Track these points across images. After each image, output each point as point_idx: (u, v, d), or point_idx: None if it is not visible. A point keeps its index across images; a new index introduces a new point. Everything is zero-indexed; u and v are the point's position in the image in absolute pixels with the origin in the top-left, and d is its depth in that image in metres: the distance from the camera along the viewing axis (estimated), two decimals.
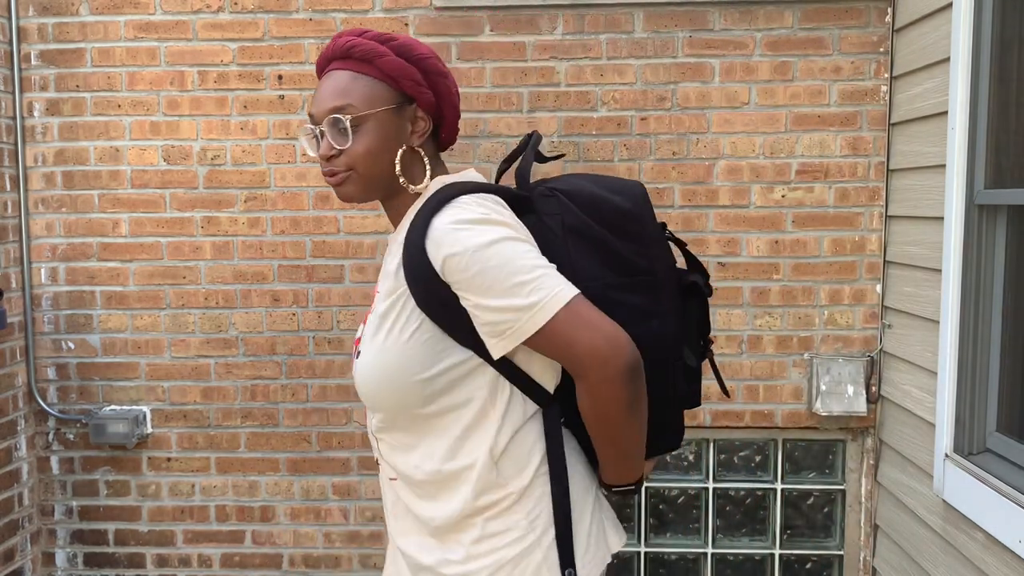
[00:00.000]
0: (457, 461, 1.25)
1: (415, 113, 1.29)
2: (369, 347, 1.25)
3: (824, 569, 3.07)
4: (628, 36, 2.86)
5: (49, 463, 3.09)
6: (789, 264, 2.91)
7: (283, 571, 3.10)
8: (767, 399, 2.95)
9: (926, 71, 2.55)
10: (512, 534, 1.25)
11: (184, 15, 2.92)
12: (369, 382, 1.24)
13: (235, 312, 3.00)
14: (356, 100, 1.24)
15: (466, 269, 1.15)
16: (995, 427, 2.26)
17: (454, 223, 1.17)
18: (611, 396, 1.16)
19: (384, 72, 1.26)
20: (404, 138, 1.28)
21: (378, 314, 1.25)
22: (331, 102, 1.24)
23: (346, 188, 1.27)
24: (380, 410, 1.27)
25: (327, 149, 1.26)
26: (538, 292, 1.14)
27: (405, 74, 1.26)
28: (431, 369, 1.21)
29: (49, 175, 2.99)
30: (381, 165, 1.27)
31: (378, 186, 1.29)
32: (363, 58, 1.26)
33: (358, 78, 1.26)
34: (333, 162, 1.26)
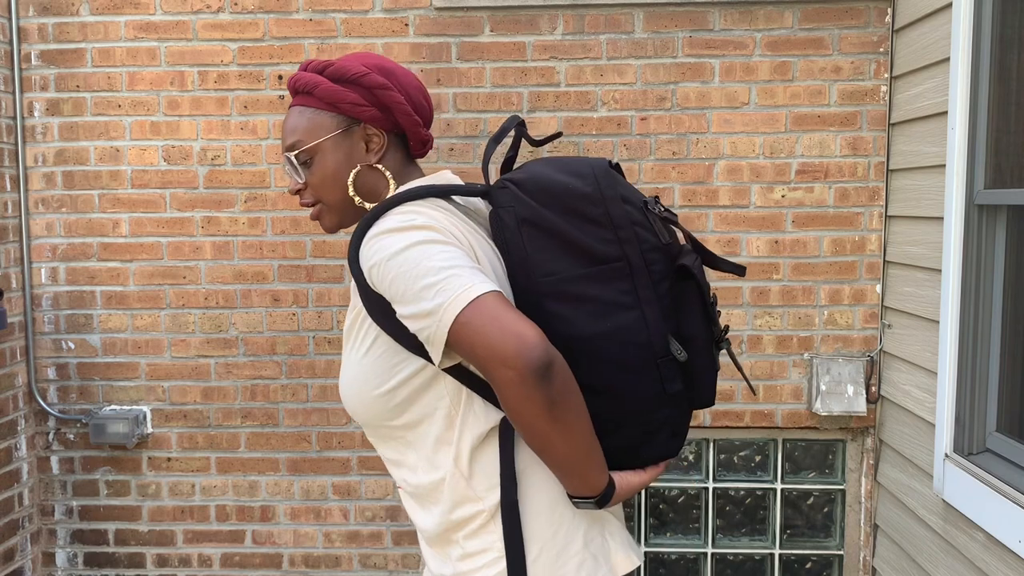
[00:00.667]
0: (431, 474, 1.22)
1: (365, 131, 1.30)
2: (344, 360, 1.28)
3: (824, 569, 3.07)
4: (628, 36, 2.86)
5: (49, 463, 3.09)
6: (789, 264, 2.91)
7: (283, 571, 3.10)
8: (767, 399, 2.95)
9: (926, 71, 2.55)
10: (489, 555, 1.20)
11: (184, 15, 2.92)
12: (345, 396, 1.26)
13: (235, 312, 3.00)
14: (302, 135, 1.30)
15: (383, 278, 1.12)
16: (995, 427, 2.26)
17: (377, 233, 1.15)
18: (521, 399, 1.04)
19: (323, 100, 1.29)
20: (358, 158, 1.30)
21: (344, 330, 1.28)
22: (285, 140, 1.31)
23: (323, 220, 1.33)
24: (362, 424, 1.29)
25: (293, 184, 1.33)
26: (442, 294, 1.06)
27: (340, 98, 1.28)
28: (389, 382, 1.19)
29: (49, 175, 2.99)
30: (340, 190, 1.30)
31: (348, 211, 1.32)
32: (304, 91, 1.31)
33: (303, 112, 1.30)
34: (303, 195, 1.33)
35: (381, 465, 3.03)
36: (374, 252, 1.14)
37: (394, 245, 1.12)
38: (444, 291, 1.06)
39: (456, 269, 1.08)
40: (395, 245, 1.12)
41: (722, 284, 2.92)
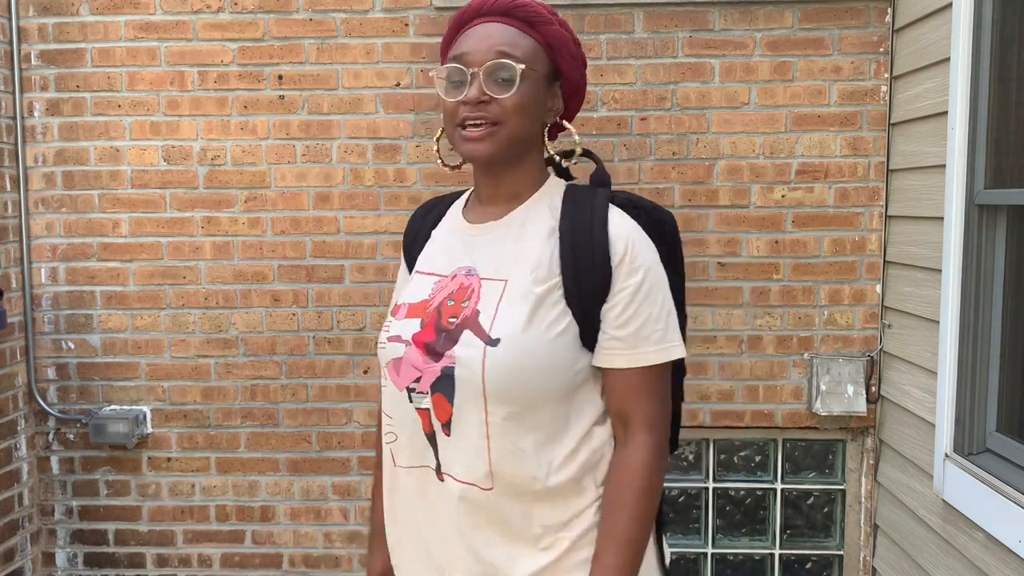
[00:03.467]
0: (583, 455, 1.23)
1: (556, 91, 1.25)
2: (518, 336, 1.16)
3: (824, 569, 3.07)
4: (628, 36, 2.86)
5: (49, 463, 3.09)
6: (789, 264, 2.91)
7: (283, 571, 3.10)
8: (767, 399, 2.95)
9: (926, 71, 2.55)
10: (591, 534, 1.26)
11: (184, 15, 2.92)
12: (511, 372, 1.15)
13: (235, 312, 3.00)
14: (523, 54, 1.18)
15: (643, 280, 1.20)
16: (995, 427, 2.26)
17: (638, 231, 1.22)
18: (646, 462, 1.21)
19: (546, 39, 1.21)
20: (544, 112, 1.24)
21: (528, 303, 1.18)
22: (498, 47, 1.17)
23: (485, 145, 1.18)
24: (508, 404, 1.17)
25: (480, 93, 1.16)
26: (672, 337, 1.22)
27: (567, 49, 1.22)
28: (575, 365, 1.20)
29: (49, 175, 2.99)
30: (526, 129, 1.20)
31: (514, 151, 1.22)
32: (527, 19, 1.21)
33: (523, 36, 1.20)
34: (482, 109, 1.17)
35: None
36: (641, 249, 1.21)
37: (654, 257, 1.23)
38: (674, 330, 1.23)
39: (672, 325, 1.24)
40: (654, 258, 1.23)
41: (723, 284, 2.92)
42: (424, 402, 1.22)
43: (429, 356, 1.21)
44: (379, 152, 2.93)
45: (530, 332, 1.17)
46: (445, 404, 1.20)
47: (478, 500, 1.21)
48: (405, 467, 1.28)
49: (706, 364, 2.94)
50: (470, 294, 1.23)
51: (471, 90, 1.17)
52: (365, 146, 2.93)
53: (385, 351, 1.28)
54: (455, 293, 1.24)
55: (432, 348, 1.22)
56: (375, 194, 2.94)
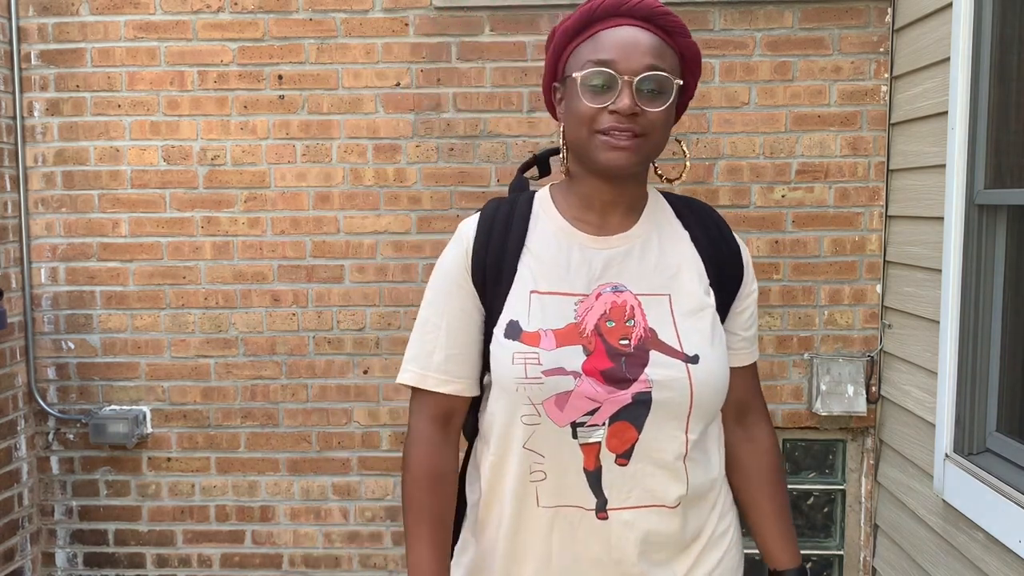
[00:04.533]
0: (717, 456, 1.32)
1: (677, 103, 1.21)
2: (713, 351, 1.20)
3: (824, 569, 3.07)
4: None
5: (49, 463, 3.09)
6: (789, 264, 2.91)
7: (283, 571, 3.10)
8: (767, 399, 2.92)
9: (926, 71, 2.55)
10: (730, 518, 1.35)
11: (184, 15, 2.92)
12: (713, 388, 1.20)
13: (235, 312, 3.00)
14: (669, 66, 1.15)
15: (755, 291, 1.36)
16: (995, 427, 2.26)
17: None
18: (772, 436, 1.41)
19: (682, 52, 1.19)
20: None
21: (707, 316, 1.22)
22: (650, 59, 1.12)
23: (630, 156, 1.14)
24: (704, 420, 1.21)
25: (632, 104, 1.11)
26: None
27: (696, 62, 1.21)
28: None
29: (49, 175, 2.99)
30: (664, 142, 1.19)
31: (647, 163, 1.21)
32: (668, 29, 1.16)
33: (666, 48, 1.16)
34: (632, 120, 1.12)
35: (381, 465, 3.03)
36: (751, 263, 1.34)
37: None
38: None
39: None
40: None
41: None
42: (595, 436, 1.15)
43: (612, 384, 1.14)
44: (379, 152, 2.93)
45: (716, 345, 1.21)
46: (629, 432, 1.15)
47: (650, 522, 1.19)
48: (550, 507, 1.19)
49: None
50: (631, 312, 1.17)
51: (622, 99, 1.11)
52: (365, 146, 2.93)
53: (544, 387, 1.14)
54: (611, 313, 1.17)
55: (613, 376, 1.14)
56: (375, 194, 2.94)
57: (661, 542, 1.22)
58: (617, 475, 1.16)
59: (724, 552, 1.31)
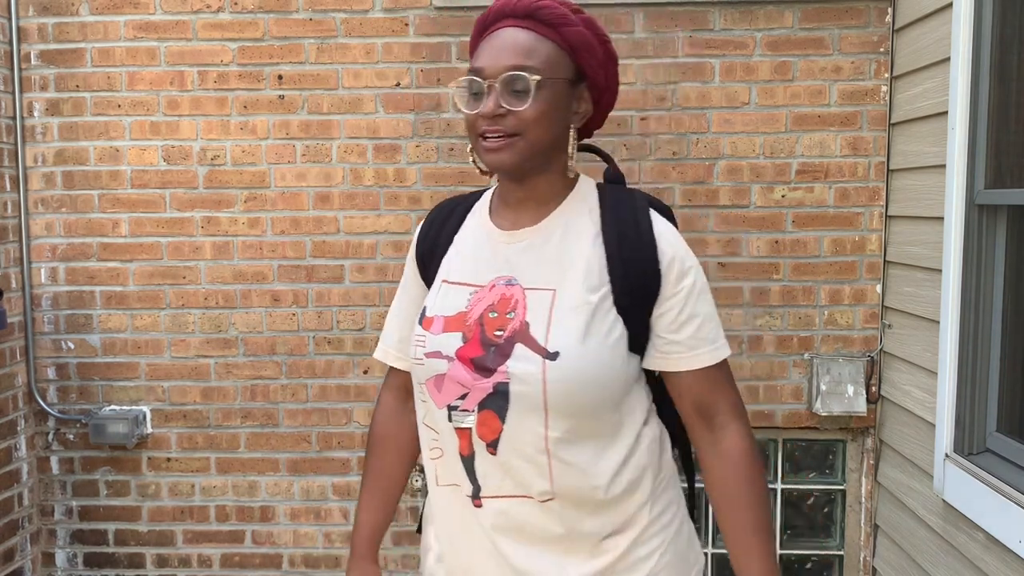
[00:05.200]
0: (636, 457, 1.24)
1: (583, 93, 1.22)
2: (579, 348, 1.15)
3: (824, 569, 3.07)
4: (628, 36, 2.86)
5: (49, 463, 3.09)
6: (789, 264, 2.91)
7: (283, 571, 3.10)
8: (767, 399, 2.94)
9: (926, 71, 2.55)
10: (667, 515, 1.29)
11: (184, 15, 2.92)
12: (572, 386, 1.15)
13: (235, 312, 3.00)
14: (540, 63, 1.15)
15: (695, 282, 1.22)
16: (995, 427, 2.26)
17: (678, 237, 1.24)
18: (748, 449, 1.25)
19: (568, 41, 1.18)
20: (569, 116, 1.22)
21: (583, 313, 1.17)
22: (513, 59, 1.15)
23: (503, 155, 1.17)
24: (570, 418, 1.16)
25: (495, 107, 1.15)
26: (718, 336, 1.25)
27: (589, 50, 1.19)
28: (629, 372, 1.22)
29: (49, 175, 2.99)
30: (548, 137, 1.18)
31: (535, 160, 1.19)
32: (549, 22, 1.18)
33: (542, 41, 1.17)
34: (499, 122, 1.16)
35: None
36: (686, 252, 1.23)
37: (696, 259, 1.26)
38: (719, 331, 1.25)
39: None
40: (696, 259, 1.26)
41: (723, 284, 2.92)
42: (466, 421, 1.19)
43: (478, 372, 1.17)
44: (379, 152, 2.93)
45: (589, 343, 1.15)
46: (494, 422, 1.17)
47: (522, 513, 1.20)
48: (446, 486, 1.26)
49: None
50: (514, 305, 1.19)
51: (488, 103, 1.16)
52: (365, 146, 2.93)
53: (424, 368, 1.23)
54: (496, 304, 1.20)
55: (481, 364, 1.17)
56: (375, 194, 2.94)
57: (537, 535, 1.21)
58: (489, 464, 1.20)
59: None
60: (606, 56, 1.24)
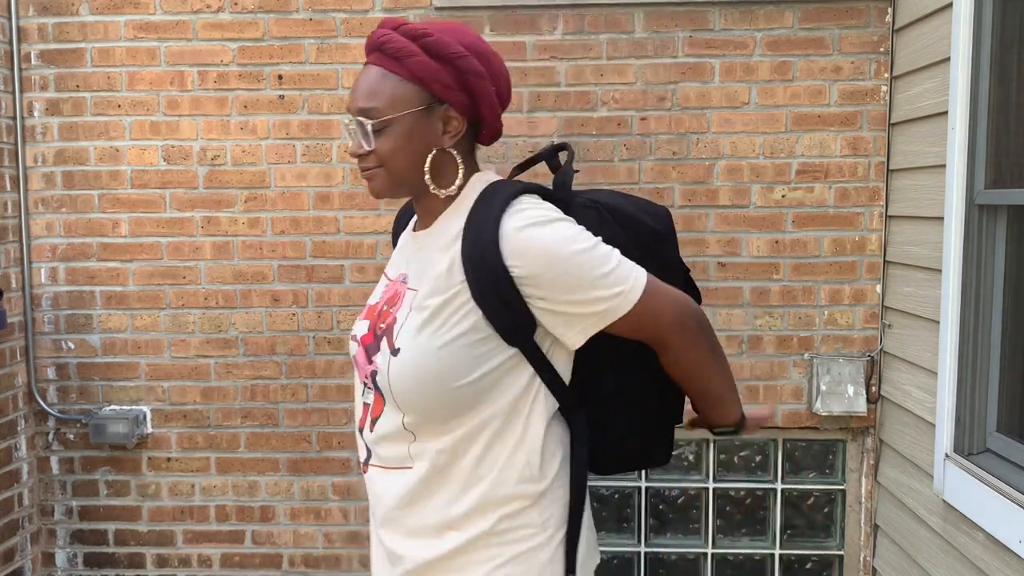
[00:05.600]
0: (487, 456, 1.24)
1: (447, 114, 1.25)
2: (409, 347, 1.22)
3: (824, 569, 3.07)
4: (628, 36, 2.86)
5: (49, 463, 3.09)
6: (789, 264, 2.91)
7: (283, 571, 3.10)
8: (767, 399, 2.94)
9: (926, 71, 2.55)
10: (524, 531, 1.26)
11: (184, 15, 2.92)
12: (408, 384, 1.21)
13: (235, 312, 3.00)
14: (382, 102, 1.22)
15: (549, 269, 1.18)
16: (995, 427, 2.26)
17: (527, 224, 1.18)
18: (698, 352, 1.27)
19: (412, 73, 1.22)
20: (435, 140, 1.25)
21: (423, 314, 1.22)
22: (359, 102, 1.23)
23: (374, 184, 1.27)
24: (413, 412, 1.24)
25: (356, 147, 1.26)
26: (620, 282, 1.19)
27: (434, 77, 1.22)
28: (475, 372, 1.21)
29: (49, 175, 2.99)
30: (408, 166, 1.25)
31: (406, 185, 1.27)
32: (394, 55, 1.22)
33: (387, 77, 1.23)
34: (363, 159, 1.26)
35: None
36: (532, 244, 1.18)
37: (557, 236, 1.19)
38: (621, 278, 1.20)
39: (618, 255, 1.22)
40: (558, 235, 1.19)
41: (723, 284, 2.92)
42: (367, 397, 1.32)
43: (366, 357, 1.31)
44: None
45: (419, 341, 1.21)
46: (379, 402, 1.29)
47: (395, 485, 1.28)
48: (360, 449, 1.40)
49: None
50: (396, 301, 1.29)
51: (351, 142, 1.27)
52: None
53: (350, 348, 1.40)
54: (390, 299, 1.32)
55: (368, 350, 1.31)
56: None
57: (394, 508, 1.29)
58: (372, 437, 1.31)
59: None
60: (463, 73, 1.24)
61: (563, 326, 1.22)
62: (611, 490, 3.11)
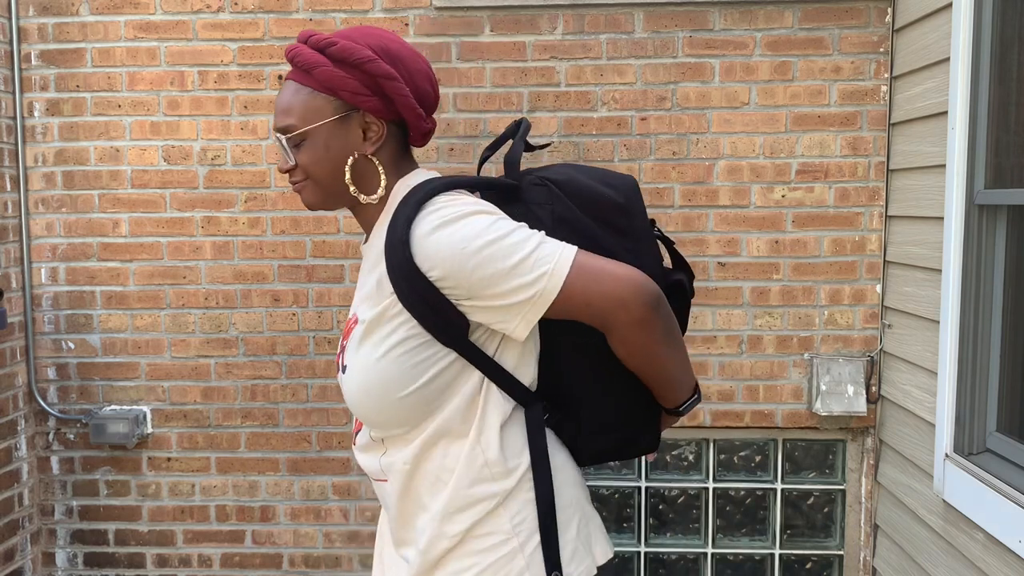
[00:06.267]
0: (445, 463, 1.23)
1: (364, 119, 1.24)
2: (353, 363, 1.23)
3: (824, 569, 3.07)
4: (628, 36, 2.86)
5: (49, 463, 3.09)
6: (789, 264, 2.91)
7: (283, 571, 3.10)
8: (767, 399, 2.95)
9: (926, 71, 2.55)
10: (493, 538, 1.22)
11: (184, 15, 2.92)
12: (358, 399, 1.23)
13: (235, 312, 3.00)
14: (296, 117, 1.23)
15: (461, 268, 1.13)
16: (995, 427, 2.26)
17: (436, 226, 1.14)
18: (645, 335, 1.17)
19: (321, 83, 1.22)
20: (354, 146, 1.24)
21: (361, 329, 1.23)
22: (278, 119, 1.25)
23: (304, 196, 1.28)
24: (372, 425, 1.25)
25: (282, 163, 1.27)
26: (541, 262, 1.13)
27: (341, 85, 1.21)
28: (417, 381, 1.19)
29: (49, 175, 2.99)
30: (331, 175, 1.25)
31: (333, 196, 1.27)
32: (304, 68, 1.23)
33: (300, 91, 1.24)
34: (292, 174, 1.27)
35: None
36: (440, 244, 1.13)
37: (464, 232, 1.13)
38: (542, 259, 1.13)
39: (538, 238, 1.15)
40: (466, 232, 1.13)
41: (722, 284, 2.92)
42: None
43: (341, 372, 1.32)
44: None
45: (360, 356, 1.22)
46: None
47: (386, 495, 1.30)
48: None
49: (706, 364, 2.95)
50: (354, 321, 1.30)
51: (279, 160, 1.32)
52: None
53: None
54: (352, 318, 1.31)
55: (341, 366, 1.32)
56: None
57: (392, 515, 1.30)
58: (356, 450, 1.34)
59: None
60: (372, 77, 1.22)
61: (501, 321, 1.17)
62: (611, 490, 3.11)
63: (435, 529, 1.23)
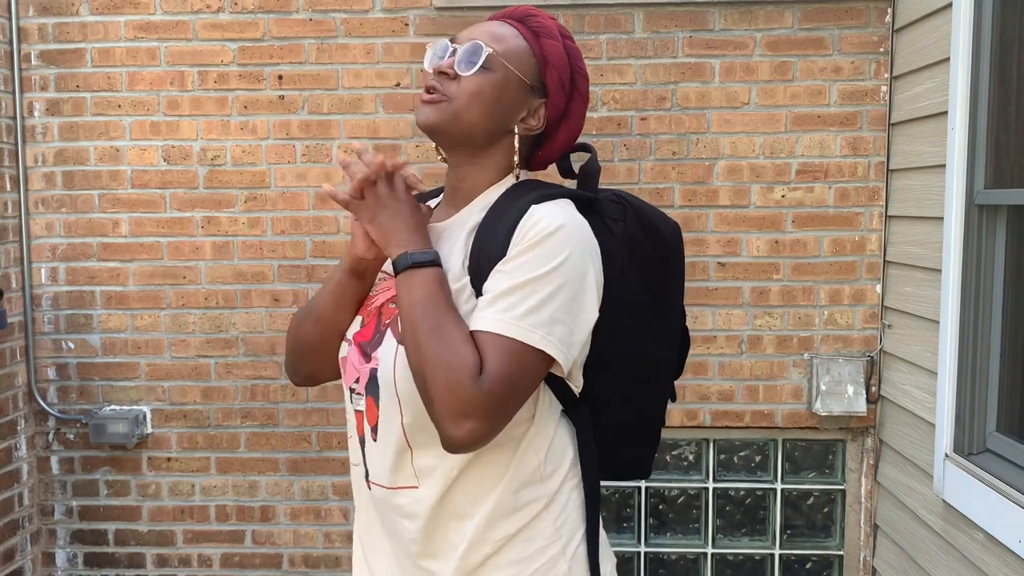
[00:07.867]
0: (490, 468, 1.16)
1: (537, 109, 1.21)
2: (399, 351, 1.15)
3: (824, 569, 3.07)
4: (628, 36, 2.86)
5: (49, 463, 3.09)
6: (789, 264, 2.91)
7: (283, 571, 3.10)
8: (767, 399, 2.95)
9: (926, 71, 2.55)
10: (536, 543, 1.18)
11: (184, 15, 2.92)
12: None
13: (235, 312, 3.00)
14: (505, 51, 1.17)
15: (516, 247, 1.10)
16: (995, 427, 2.26)
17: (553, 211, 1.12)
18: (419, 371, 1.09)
19: (542, 52, 1.20)
20: (513, 118, 1.20)
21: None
22: (483, 36, 1.18)
23: (428, 111, 1.17)
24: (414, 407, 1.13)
25: (447, 65, 1.17)
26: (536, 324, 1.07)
27: (559, 67, 1.20)
28: None
29: (49, 175, 2.99)
30: (476, 118, 1.17)
31: (460, 136, 1.18)
32: (534, 29, 1.21)
33: (518, 38, 1.20)
34: (441, 80, 1.17)
35: None
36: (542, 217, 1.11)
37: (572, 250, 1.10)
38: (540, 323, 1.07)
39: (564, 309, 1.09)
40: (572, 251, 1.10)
41: (722, 284, 2.92)
42: (359, 404, 1.21)
43: (363, 356, 1.20)
44: (379, 152, 2.93)
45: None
46: (374, 407, 1.18)
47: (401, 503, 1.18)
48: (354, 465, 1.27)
49: (706, 364, 2.95)
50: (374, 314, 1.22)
51: (443, 59, 1.18)
52: (365, 146, 2.92)
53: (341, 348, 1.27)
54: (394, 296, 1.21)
55: (365, 348, 1.20)
56: None
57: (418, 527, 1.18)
58: (373, 449, 1.20)
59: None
60: (575, 87, 1.23)
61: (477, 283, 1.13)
62: (611, 490, 3.11)
63: (478, 535, 1.16)
